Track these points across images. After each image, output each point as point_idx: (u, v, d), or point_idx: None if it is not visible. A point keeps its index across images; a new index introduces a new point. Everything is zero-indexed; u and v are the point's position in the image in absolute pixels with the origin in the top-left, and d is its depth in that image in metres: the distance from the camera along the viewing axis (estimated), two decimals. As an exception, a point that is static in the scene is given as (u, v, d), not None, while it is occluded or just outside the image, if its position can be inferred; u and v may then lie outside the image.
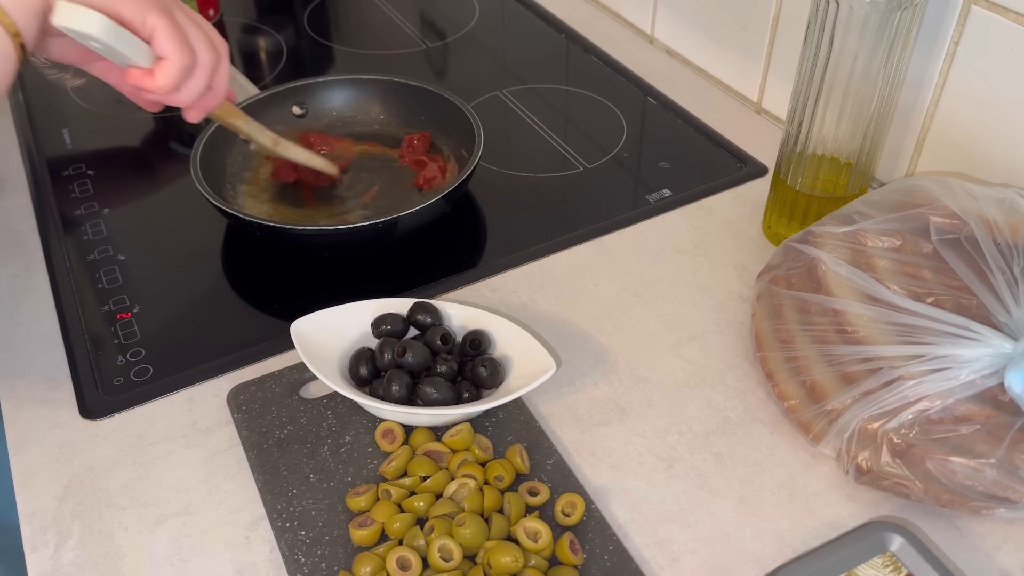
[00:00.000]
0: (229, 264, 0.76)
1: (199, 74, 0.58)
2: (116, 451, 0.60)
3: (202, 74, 0.58)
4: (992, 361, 0.53)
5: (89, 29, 0.52)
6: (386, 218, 0.69)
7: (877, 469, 0.54)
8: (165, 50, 0.55)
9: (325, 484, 0.57)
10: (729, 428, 0.61)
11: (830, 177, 0.71)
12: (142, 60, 0.56)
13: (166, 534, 0.55)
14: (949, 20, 0.70)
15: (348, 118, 0.87)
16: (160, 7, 0.55)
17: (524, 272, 0.74)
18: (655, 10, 1.03)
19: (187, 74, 0.57)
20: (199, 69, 0.58)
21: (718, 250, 0.76)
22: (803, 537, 0.55)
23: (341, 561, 0.53)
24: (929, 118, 0.75)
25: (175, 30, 0.55)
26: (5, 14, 0.50)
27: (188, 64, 0.56)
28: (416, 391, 0.60)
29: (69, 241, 0.77)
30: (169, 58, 0.55)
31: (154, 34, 0.54)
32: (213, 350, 0.67)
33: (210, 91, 0.61)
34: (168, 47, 0.55)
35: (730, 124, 0.91)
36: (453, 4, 1.16)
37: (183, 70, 0.56)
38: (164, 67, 0.56)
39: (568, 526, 0.54)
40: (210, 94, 0.62)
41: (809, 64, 0.66)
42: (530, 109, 0.94)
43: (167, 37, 0.55)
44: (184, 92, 0.59)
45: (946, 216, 0.59)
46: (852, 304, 0.57)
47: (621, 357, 0.66)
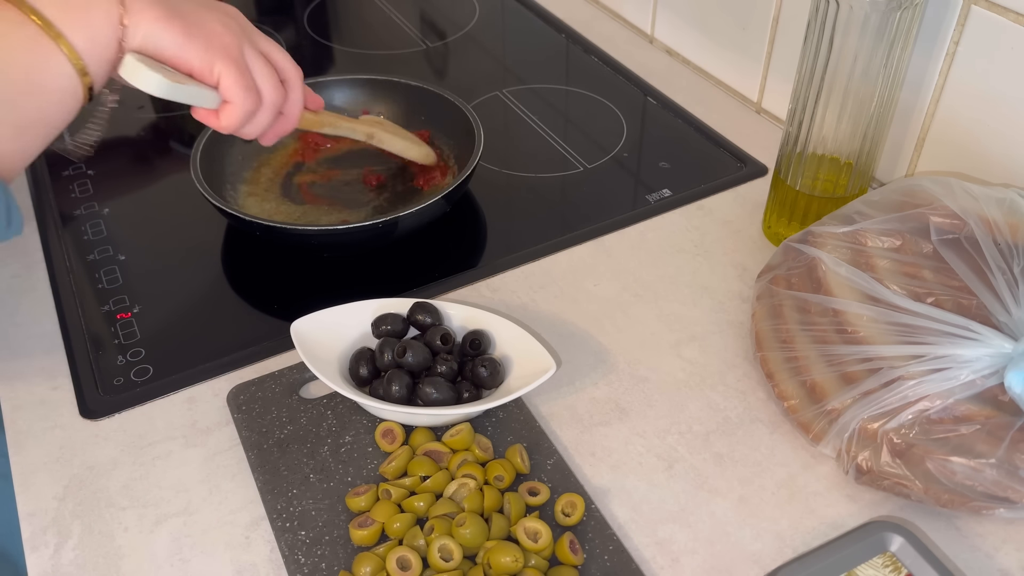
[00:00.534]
0: (229, 264, 0.76)
1: (264, 113, 0.60)
2: (116, 451, 0.60)
3: (266, 113, 0.60)
4: (992, 361, 0.53)
5: (150, 89, 0.54)
6: (386, 218, 0.69)
7: (877, 469, 0.54)
8: (229, 96, 0.57)
9: (325, 484, 0.57)
10: (729, 428, 0.61)
11: (830, 177, 0.71)
12: (209, 103, 0.58)
13: (166, 534, 0.55)
14: (949, 20, 0.70)
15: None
16: (227, 54, 0.56)
17: (524, 272, 0.74)
18: (655, 10, 1.03)
19: (251, 116, 0.59)
20: (264, 109, 0.60)
21: (718, 250, 0.76)
22: (803, 537, 0.55)
23: (341, 561, 0.53)
24: (929, 118, 0.75)
25: (241, 76, 0.57)
26: (79, 57, 0.51)
27: (252, 108, 0.58)
28: (416, 391, 0.60)
29: (69, 241, 0.77)
30: (233, 103, 0.57)
31: (220, 81, 0.56)
32: (213, 350, 0.67)
33: (282, 119, 0.63)
34: (232, 94, 0.57)
35: (730, 124, 0.91)
36: (453, 4, 1.16)
37: (247, 114, 0.58)
38: (228, 112, 0.58)
39: (568, 526, 0.54)
40: (281, 121, 0.63)
41: (809, 64, 0.66)
42: (530, 109, 0.94)
43: (232, 84, 0.56)
44: (250, 129, 0.60)
45: (946, 216, 0.59)
46: (852, 304, 0.57)
47: (621, 357, 0.66)
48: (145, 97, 0.98)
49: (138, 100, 0.98)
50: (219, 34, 0.56)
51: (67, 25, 0.50)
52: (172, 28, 0.54)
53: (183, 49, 0.54)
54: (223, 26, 0.57)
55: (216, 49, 0.55)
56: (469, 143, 0.78)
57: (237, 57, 0.57)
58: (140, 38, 0.53)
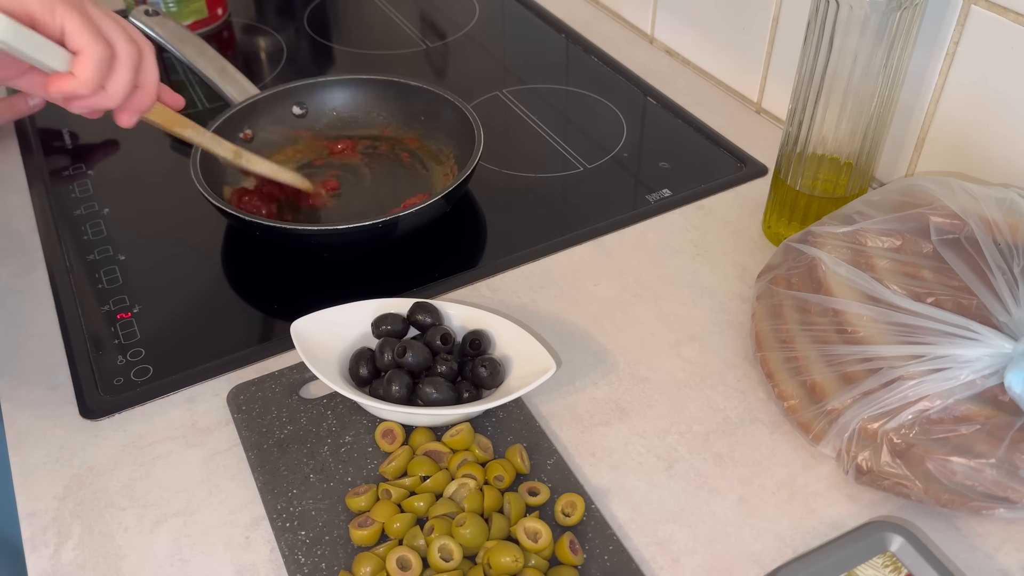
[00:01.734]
0: (229, 264, 0.76)
1: (120, 67, 0.55)
2: (116, 451, 0.60)
3: (124, 67, 0.55)
4: (992, 361, 0.53)
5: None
6: (386, 218, 0.69)
7: (877, 469, 0.54)
8: (78, 43, 0.52)
9: (325, 484, 0.57)
10: (729, 428, 0.61)
11: (830, 177, 0.71)
12: (58, 62, 0.53)
13: (166, 534, 0.55)
14: (949, 20, 0.70)
15: (348, 118, 0.87)
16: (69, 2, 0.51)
17: (524, 272, 0.74)
18: (655, 10, 1.03)
19: (107, 67, 0.54)
20: (119, 62, 0.54)
21: (718, 250, 0.76)
22: (803, 537, 0.55)
23: (341, 561, 0.53)
24: (929, 118, 0.75)
25: (86, 22, 0.52)
26: None
27: (105, 56, 0.53)
28: (416, 391, 0.60)
29: (69, 241, 0.77)
30: (84, 51, 0.52)
31: (64, 28, 0.51)
32: (213, 350, 0.67)
33: (138, 90, 0.58)
34: (81, 39, 0.52)
35: (730, 124, 0.91)
36: (453, 4, 1.16)
37: (101, 62, 0.53)
38: (80, 61, 0.53)
39: (568, 526, 0.54)
40: (139, 93, 0.58)
41: (809, 64, 0.66)
42: (530, 109, 0.94)
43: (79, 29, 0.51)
44: (110, 89, 0.55)
45: (946, 216, 0.59)
46: (852, 304, 0.57)
47: (621, 357, 0.66)
48: (145, 97, 0.98)
49: (138, 100, 0.98)
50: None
51: None
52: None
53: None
54: None
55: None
56: (469, 143, 0.78)
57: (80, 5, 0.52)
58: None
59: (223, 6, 1.11)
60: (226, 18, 1.12)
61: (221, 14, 1.11)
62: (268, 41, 1.10)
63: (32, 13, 0.50)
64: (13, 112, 0.88)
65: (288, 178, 0.77)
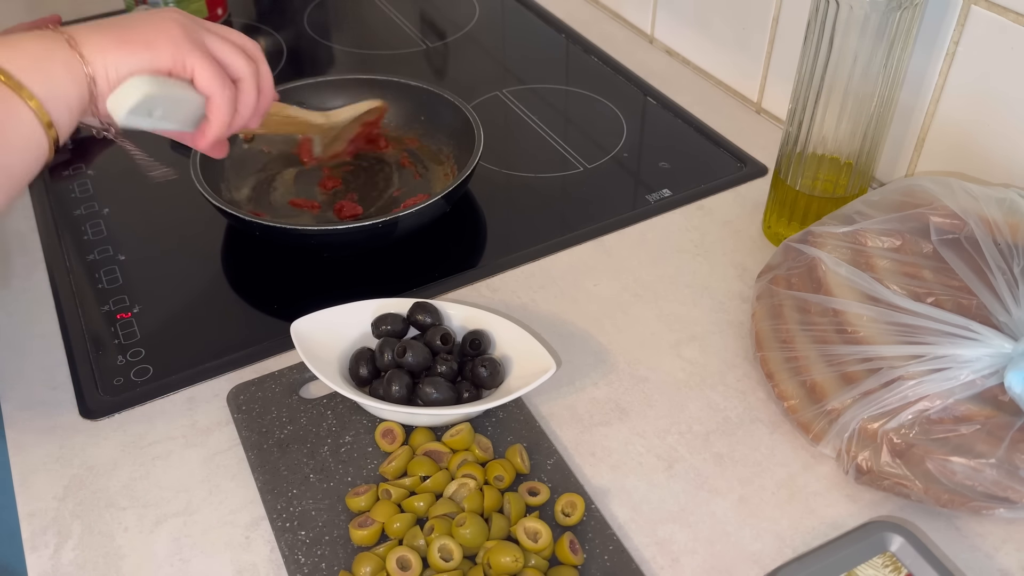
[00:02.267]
0: (229, 264, 0.76)
1: (245, 90, 0.58)
2: (116, 451, 0.60)
3: (248, 89, 0.59)
4: (992, 361, 0.53)
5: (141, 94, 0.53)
6: (386, 218, 0.69)
7: (877, 469, 0.54)
8: (209, 89, 0.56)
9: (325, 484, 0.57)
10: (729, 428, 0.61)
11: (830, 177, 0.71)
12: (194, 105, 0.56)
13: (166, 534, 0.55)
14: (949, 20, 0.70)
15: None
16: (193, 43, 0.55)
17: (524, 272, 0.74)
18: (655, 10, 1.03)
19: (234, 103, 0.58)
20: (244, 88, 0.58)
21: (718, 250, 0.76)
22: (803, 537, 0.55)
23: (341, 561, 0.53)
24: (929, 118, 0.75)
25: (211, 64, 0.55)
26: (44, 111, 0.51)
27: (231, 94, 0.57)
28: (416, 391, 0.59)
29: (69, 241, 0.77)
30: (214, 97, 0.56)
31: (195, 74, 0.55)
32: (213, 350, 0.67)
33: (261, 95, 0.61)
34: (211, 86, 0.55)
35: (730, 124, 0.91)
36: (453, 4, 1.16)
37: (231, 100, 0.57)
38: (213, 107, 0.57)
39: (568, 526, 0.54)
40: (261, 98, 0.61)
41: (809, 64, 0.66)
42: (530, 109, 0.94)
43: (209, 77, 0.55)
44: (242, 111, 0.59)
45: (946, 216, 0.59)
46: (852, 304, 0.57)
47: (621, 357, 0.66)
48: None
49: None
50: (176, 33, 0.54)
51: (28, 78, 0.50)
52: (134, 48, 0.53)
53: (153, 61, 0.53)
54: (175, 24, 0.55)
55: (180, 46, 0.54)
56: (469, 143, 0.78)
57: (202, 46, 0.55)
58: (114, 71, 0.52)
59: (223, 6, 1.11)
60: (226, 18, 1.12)
61: (221, 14, 1.11)
62: (268, 41, 1.10)
63: (164, 66, 0.54)
64: None
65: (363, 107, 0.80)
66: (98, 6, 1.14)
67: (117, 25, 0.54)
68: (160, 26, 0.54)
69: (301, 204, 0.79)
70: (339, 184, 0.82)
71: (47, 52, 0.51)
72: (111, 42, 0.52)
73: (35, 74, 0.50)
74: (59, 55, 0.51)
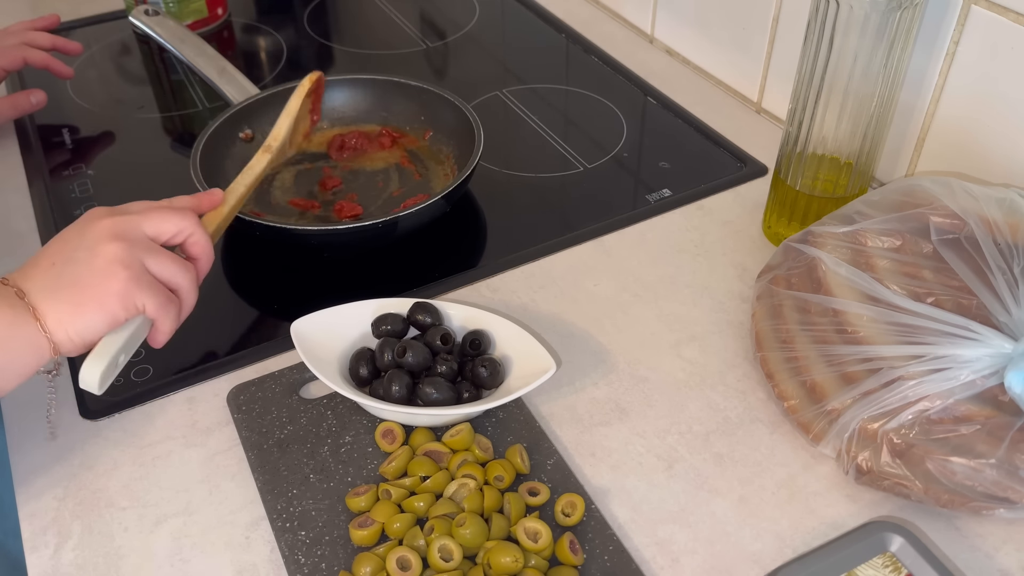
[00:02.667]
0: (229, 264, 0.76)
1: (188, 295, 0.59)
2: (116, 451, 0.60)
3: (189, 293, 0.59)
4: (992, 361, 0.53)
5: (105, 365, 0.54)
6: (386, 218, 0.69)
7: (877, 469, 0.54)
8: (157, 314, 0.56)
9: (325, 484, 0.57)
10: (729, 428, 0.61)
11: (830, 177, 0.71)
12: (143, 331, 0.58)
13: (166, 534, 0.55)
14: (949, 20, 0.70)
15: (348, 118, 0.87)
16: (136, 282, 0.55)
17: (524, 272, 0.74)
18: (655, 10, 1.03)
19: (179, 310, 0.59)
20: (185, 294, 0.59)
21: (718, 250, 0.76)
22: (803, 537, 0.55)
23: (341, 561, 0.53)
24: (929, 118, 0.75)
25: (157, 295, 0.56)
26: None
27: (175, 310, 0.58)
28: (416, 391, 0.59)
29: (69, 241, 0.77)
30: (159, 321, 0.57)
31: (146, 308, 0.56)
32: (213, 350, 0.67)
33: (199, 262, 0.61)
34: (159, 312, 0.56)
35: (730, 124, 0.91)
36: (453, 4, 1.16)
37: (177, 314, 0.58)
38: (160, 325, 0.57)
39: (568, 526, 0.54)
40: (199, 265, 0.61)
41: (809, 64, 0.66)
42: (530, 109, 0.94)
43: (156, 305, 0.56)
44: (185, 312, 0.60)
45: (946, 216, 0.59)
46: (852, 304, 0.57)
47: (621, 357, 0.66)
48: (145, 97, 0.99)
49: (138, 100, 0.98)
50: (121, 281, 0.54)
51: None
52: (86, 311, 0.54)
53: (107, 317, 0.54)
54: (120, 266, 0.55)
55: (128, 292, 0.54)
56: (469, 143, 0.78)
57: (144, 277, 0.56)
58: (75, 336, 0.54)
59: (223, 6, 1.11)
60: (226, 18, 1.12)
61: (221, 14, 1.11)
62: (268, 41, 1.10)
63: (121, 319, 0.55)
64: (16, 110, 0.88)
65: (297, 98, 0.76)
66: (98, 6, 1.14)
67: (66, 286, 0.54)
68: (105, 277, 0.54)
69: (301, 204, 0.79)
70: (339, 184, 0.82)
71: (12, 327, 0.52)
72: (67, 310, 0.53)
73: None
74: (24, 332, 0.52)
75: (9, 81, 0.99)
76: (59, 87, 0.99)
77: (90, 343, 0.55)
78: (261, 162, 0.70)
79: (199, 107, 0.96)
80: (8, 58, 0.89)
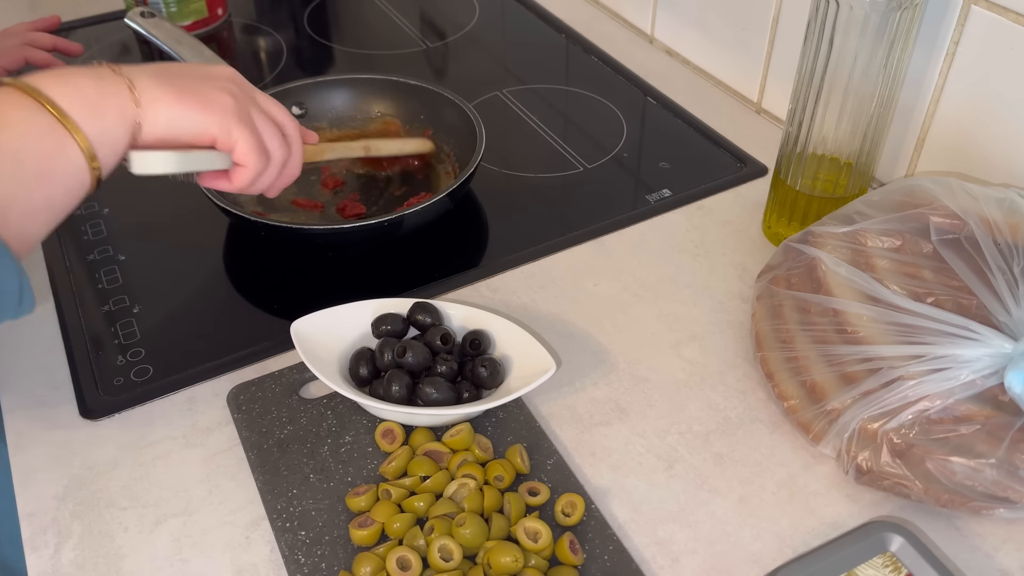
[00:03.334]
0: (229, 264, 0.76)
1: (271, 171, 0.60)
2: (116, 451, 0.60)
3: (273, 170, 0.61)
4: (992, 361, 0.53)
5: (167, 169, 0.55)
6: (392, 216, 0.69)
7: (877, 469, 0.54)
8: (246, 160, 0.58)
9: (325, 484, 0.57)
10: (729, 428, 0.61)
11: (830, 177, 0.71)
12: (220, 164, 0.59)
13: (166, 534, 0.55)
14: (949, 20, 0.70)
15: (348, 118, 0.87)
16: (242, 117, 0.57)
17: (524, 272, 0.74)
18: (655, 10, 1.03)
19: (260, 175, 0.60)
20: (271, 167, 0.60)
21: (718, 250, 0.76)
22: (803, 537, 0.55)
23: (341, 561, 0.53)
24: (929, 118, 0.75)
25: (255, 140, 0.57)
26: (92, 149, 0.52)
27: (262, 168, 0.59)
28: (416, 391, 0.59)
29: (69, 241, 0.77)
30: (247, 166, 0.58)
31: (237, 146, 0.57)
32: (213, 350, 0.67)
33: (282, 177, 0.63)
34: (249, 158, 0.58)
35: (730, 124, 0.91)
36: (453, 4, 1.16)
37: (257, 174, 0.59)
38: (240, 174, 0.59)
39: (568, 526, 0.54)
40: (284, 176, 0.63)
41: (809, 64, 0.66)
42: (530, 109, 0.94)
43: (249, 149, 0.57)
44: (258, 185, 0.61)
45: (946, 216, 0.59)
46: (852, 304, 0.57)
47: (621, 357, 0.66)
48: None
49: (138, 100, 0.98)
50: (229, 103, 0.56)
51: (82, 117, 0.51)
52: (189, 106, 0.54)
53: (203, 125, 0.55)
54: (229, 94, 0.57)
55: (230, 116, 0.56)
56: (471, 142, 0.78)
57: (249, 122, 0.58)
58: (163, 123, 0.54)
59: (223, 6, 1.11)
60: (226, 18, 1.12)
61: (221, 14, 1.11)
62: (268, 41, 1.10)
63: (213, 138, 0.56)
64: None
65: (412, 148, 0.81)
66: (98, 6, 1.14)
67: (176, 75, 0.55)
68: (216, 91, 0.56)
69: (303, 204, 0.79)
70: (341, 184, 0.82)
71: (103, 94, 0.52)
72: (169, 94, 0.54)
73: (89, 114, 0.51)
74: (115, 100, 0.52)
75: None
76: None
77: (173, 138, 0.55)
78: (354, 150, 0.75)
79: (199, 107, 0.96)
80: (9, 58, 0.89)
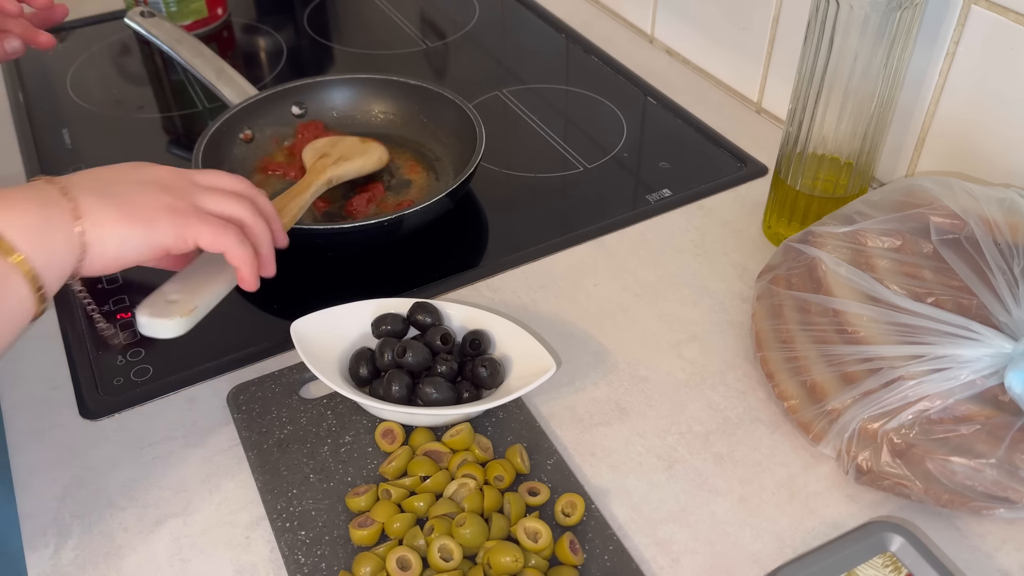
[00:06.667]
0: (229, 264, 0.76)
1: (251, 227, 0.58)
2: (116, 451, 0.60)
3: (253, 225, 0.58)
4: (992, 361, 0.53)
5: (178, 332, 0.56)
6: (391, 216, 0.70)
7: (877, 469, 0.54)
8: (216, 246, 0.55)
9: (325, 484, 0.57)
10: (729, 428, 0.61)
11: (830, 177, 0.71)
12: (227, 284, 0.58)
13: (166, 534, 0.55)
14: (949, 20, 0.70)
15: (348, 117, 0.87)
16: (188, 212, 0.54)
17: (524, 272, 0.74)
18: (655, 10, 1.03)
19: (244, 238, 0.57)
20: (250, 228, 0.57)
21: (718, 250, 0.76)
22: (803, 537, 0.55)
23: (341, 561, 0.53)
24: (929, 118, 0.75)
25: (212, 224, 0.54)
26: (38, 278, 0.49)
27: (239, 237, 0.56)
28: (416, 391, 0.59)
29: (69, 241, 0.77)
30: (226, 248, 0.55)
31: (199, 240, 0.54)
32: (213, 350, 0.67)
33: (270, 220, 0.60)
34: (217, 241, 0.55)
35: (730, 124, 0.91)
36: (453, 4, 1.16)
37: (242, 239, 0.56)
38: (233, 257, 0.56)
39: (568, 526, 0.54)
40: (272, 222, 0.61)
41: (809, 64, 0.66)
42: (530, 109, 0.94)
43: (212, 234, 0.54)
44: (260, 243, 0.58)
45: (946, 216, 0.59)
46: (852, 304, 0.57)
47: (621, 357, 0.66)
48: (145, 97, 0.99)
49: (138, 100, 0.98)
50: (170, 202, 0.53)
51: (28, 248, 0.48)
52: (135, 224, 0.52)
53: (152, 237, 0.53)
54: (167, 193, 0.54)
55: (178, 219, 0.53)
56: (471, 142, 0.78)
57: (197, 213, 0.55)
58: (112, 245, 0.51)
59: (223, 6, 1.11)
60: (226, 18, 1.12)
61: (221, 14, 1.11)
62: (268, 41, 1.10)
63: (167, 247, 0.53)
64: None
65: (374, 164, 0.80)
66: (98, 6, 1.14)
67: (114, 183, 0.53)
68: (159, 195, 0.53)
69: None
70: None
71: (48, 220, 0.50)
72: (113, 217, 0.51)
73: (34, 242, 0.49)
74: (60, 225, 0.50)
75: (4, 67, 1.01)
76: (59, 87, 0.99)
77: (121, 262, 0.52)
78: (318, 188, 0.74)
79: (199, 107, 0.96)
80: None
